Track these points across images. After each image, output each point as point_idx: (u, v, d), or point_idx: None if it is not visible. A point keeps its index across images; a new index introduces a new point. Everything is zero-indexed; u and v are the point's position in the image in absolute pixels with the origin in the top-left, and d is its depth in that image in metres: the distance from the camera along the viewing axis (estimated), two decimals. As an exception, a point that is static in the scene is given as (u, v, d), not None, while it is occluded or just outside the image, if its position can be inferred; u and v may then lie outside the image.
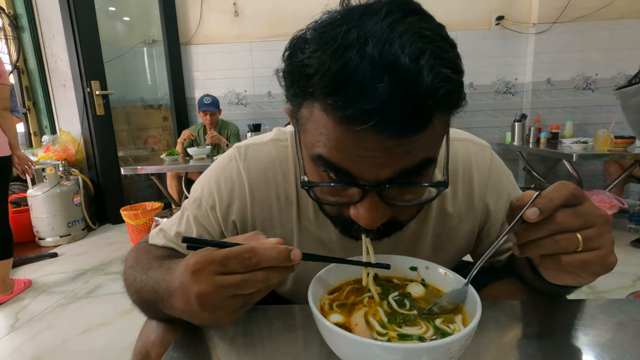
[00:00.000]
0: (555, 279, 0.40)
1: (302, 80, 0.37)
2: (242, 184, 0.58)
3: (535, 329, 0.47)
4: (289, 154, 0.59)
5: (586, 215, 0.37)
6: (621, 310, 0.50)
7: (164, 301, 0.44)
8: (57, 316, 1.77)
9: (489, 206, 0.61)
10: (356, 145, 0.36)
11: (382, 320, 0.40)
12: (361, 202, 0.39)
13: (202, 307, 0.37)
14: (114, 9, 3.63)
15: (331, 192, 0.43)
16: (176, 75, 3.51)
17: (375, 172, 0.37)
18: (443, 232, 0.61)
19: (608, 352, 0.41)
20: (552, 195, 0.36)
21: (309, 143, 0.40)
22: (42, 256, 2.53)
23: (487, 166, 0.61)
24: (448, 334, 0.37)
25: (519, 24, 3.27)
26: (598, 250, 0.37)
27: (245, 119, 3.55)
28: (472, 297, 0.40)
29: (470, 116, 3.47)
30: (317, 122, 0.38)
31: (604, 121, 3.27)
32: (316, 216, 0.58)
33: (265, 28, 3.43)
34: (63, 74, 3.15)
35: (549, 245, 0.37)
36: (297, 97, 0.40)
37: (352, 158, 0.37)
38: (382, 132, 0.34)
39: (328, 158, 0.38)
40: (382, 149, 0.35)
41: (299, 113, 0.41)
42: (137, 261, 0.55)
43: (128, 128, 3.77)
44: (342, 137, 0.36)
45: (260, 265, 0.36)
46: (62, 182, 2.82)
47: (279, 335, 0.47)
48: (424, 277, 0.48)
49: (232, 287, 0.36)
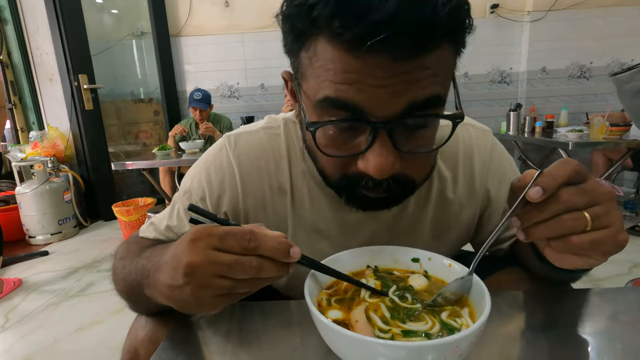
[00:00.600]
0: (564, 263, 0.38)
1: (304, 14, 0.36)
2: (232, 174, 0.56)
3: (539, 320, 0.46)
4: (282, 141, 0.57)
5: (591, 192, 0.34)
6: (623, 299, 0.50)
7: (148, 278, 0.41)
8: (48, 315, 1.73)
9: (490, 192, 0.59)
10: (365, 72, 0.34)
11: (384, 316, 0.37)
12: (370, 149, 0.37)
13: (187, 280, 0.34)
14: (100, 1, 3.53)
15: (338, 141, 0.40)
16: (166, 68, 3.43)
17: (386, 105, 0.35)
18: (443, 218, 0.59)
19: (613, 341, 0.40)
20: (555, 173, 0.34)
21: (313, 89, 0.38)
22: (32, 255, 2.47)
23: (488, 151, 0.59)
24: (456, 329, 0.35)
25: (514, 12, 3.24)
26: (608, 229, 0.34)
27: (238, 112, 3.49)
28: (478, 287, 0.38)
29: (465, 106, 3.35)
30: (322, 57, 0.36)
31: (598, 109, 3.27)
32: (311, 203, 0.57)
33: (256, 18, 3.36)
34: (49, 67, 3.06)
35: (556, 226, 0.34)
36: (298, 39, 0.38)
37: (361, 89, 0.35)
38: (392, 51, 0.33)
39: (335, 96, 0.36)
40: (392, 74, 0.34)
41: (299, 59, 0.39)
42: (127, 252, 0.53)
43: (118, 123, 3.70)
44: (350, 66, 0.34)
45: (258, 251, 0.34)
46: (52, 179, 2.76)
47: (275, 332, 0.44)
48: (426, 269, 0.46)
49: (224, 265, 0.34)
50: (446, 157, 0.58)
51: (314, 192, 0.56)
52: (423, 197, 0.57)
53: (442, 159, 0.58)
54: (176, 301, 0.37)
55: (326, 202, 0.56)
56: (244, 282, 0.35)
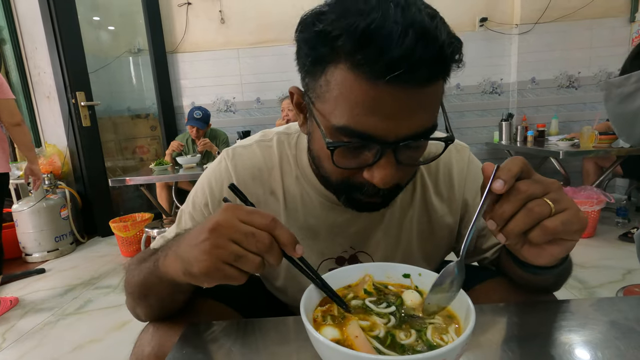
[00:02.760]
0: (544, 257, 0.41)
1: (327, 43, 0.40)
2: (230, 180, 0.62)
3: (526, 331, 0.47)
4: (274, 152, 0.64)
5: (542, 182, 0.39)
6: (612, 310, 0.51)
7: (165, 253, 0.46)
8: (46, 334, 1.72)
9: (467, 201, 0.65)
10: (381, 102, 0.40)
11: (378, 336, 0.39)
12: (377, 164, 0.44)
13: (208, 236, 0.39)
14: (98, 19, 3.59)
15: (349, 157, 0.46)
16: (163, 84, 3.47)
17: (395, 132, 0.42)
18: (426, 221, 0.65)
19: (600, 353, 0.41)
20: (509, 167, 0.39)
21: (329, 112, 0.44)
22: (29, 272, 2.46)
23: (465, 164, 0.65)
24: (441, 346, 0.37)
25: (503, 25, 3.33)
26: (569, 210, 0.38)
27: (235, 126, 3.53)
28: (465, 303, 0.40)
29: (458, 117, 3.51)
30: (342, 84, 0.41)
31: (588, 118, 3.34)
32: (303, 204, 0.62)
33: (252, 35, 3.43)
34: (47, 85, 3.10)
35: (525, 216, 0.38)
36: (319, 64, 0.43)
37: (376, 121, 0.41)
38: (406, 82, 0.39)
39: (354, 127, 0.42)
40: (402, 105, 0.40)
41: (318, 82, 0.44)
42: (143, 255, 0.57)
43: (115, 138, 3.71)
44: (368, 96, 0.40)
45: (274, 232, 0.39)
46: (49, 196, 2.76)
47: (275, 348, 0.46)
48: (417, 284, 0.48)
49: (241, 233, 0.39)
50: (428, 168, 0.64)
51: (306, 194, 0.62)
52: (407, 201, 0.64)
53: (425, 169, 0.64)
54: (188, 260, 0.41)
55: (318, 204, 0.62)
56: (249, 259, 0.39)
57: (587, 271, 1.97)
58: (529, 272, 0.48)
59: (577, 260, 0.42)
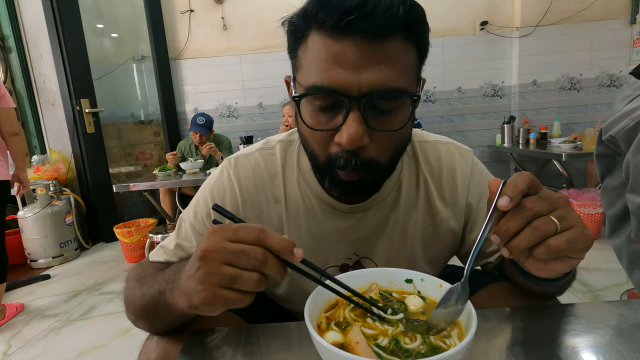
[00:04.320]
0: (548, 272, 0.40)
1: (300, 15, 0.47)
2: (233, 190, 0.62)
3: (530, 336, 0.47)
4: (277, 159, 0.64)
5: (548, 199, 0.39)
6: (615, 313, 0.51)
7: (173, 282, 0.45)
8: (51, 340, 1.73)
9: (471, 205, 0.64)
10: (342, 54, 0.43)
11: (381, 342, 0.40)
12: (345, 124, 0.45)
13: (199, 265, 0.38)
14: (101, 26, 3.63)
15: (320, 119, 0.48)
16: (166, 90, 3.51)
17: (358, 83, 0.44)
18: (430, 226, 0.64)
19: (604, 357, 0.41)
20: (516, 183, 0.38)
21: (303, 80, 0.47)
22: (34, 279, 2.48)
23: (469, 168, 0.65)
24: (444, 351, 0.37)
25: (503, 28, 3.34)
26: (575, 227, 0.38)
27: (237, 132, 3.55)
28: (466, 308, 0.40)
29: (460, 120, 3.52)
30: (313, 47, 0.46)
31: (590, 120, 3.34)
32: (306, 210, 0.62)
33: (254, 40, 3.46)
34: (52, 93, 3.13)
35: (530, 234, 0.37)
36: (297, 38, 0.48)
37: (337, 71, 0.44)
38: (361, 32, 0.42)
39: (321, 83, 0.45)
40: (362, 57, 0.43)
41: (297, 56, 0.49)
42: (144, 273, 0.57)
43: (119, 144, 3.74)
44: (331, 51, 0.44)
45: (265, 243, 0.38)
46: (54, 202, 2.78)
47: (278, 354, 0.46)
48: (419, 290, 0.48)
49: (231, 253, 0.37)
50: (431, 172, 0.64)
51: (308, 200, 0.62)
52: (411, 205, 0.63)
53: (428, 173, 0.64)
54: (188, 294, 0.40)
55: (320, 210, 0.62)
56: (246, 278, 0.37)
57: (592, 274, 1.96)
58: (533, 282, 0.48)
59: (582, 263, 0.42)
